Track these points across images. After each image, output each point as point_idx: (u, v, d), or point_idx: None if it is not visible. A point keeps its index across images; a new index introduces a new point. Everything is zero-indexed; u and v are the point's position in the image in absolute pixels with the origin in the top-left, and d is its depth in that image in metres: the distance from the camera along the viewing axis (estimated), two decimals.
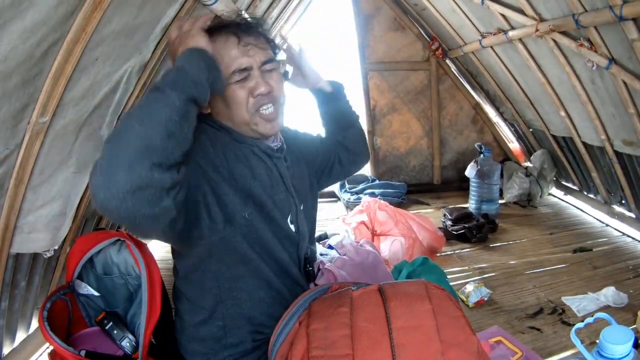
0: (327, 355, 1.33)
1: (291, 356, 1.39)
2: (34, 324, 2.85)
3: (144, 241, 2.12)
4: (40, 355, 2.86)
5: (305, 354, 1.36)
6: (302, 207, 2.26)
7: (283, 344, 1.52)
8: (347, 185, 6.48)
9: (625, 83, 3.63)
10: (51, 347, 1.91)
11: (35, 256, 2.58)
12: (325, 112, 2.63)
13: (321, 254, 2.65)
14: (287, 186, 2.20)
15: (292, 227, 2.21)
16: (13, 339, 2.71)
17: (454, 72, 6.78)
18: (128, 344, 1.96)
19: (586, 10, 3.42)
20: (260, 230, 2.02)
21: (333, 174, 2.63)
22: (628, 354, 1.33)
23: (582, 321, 1.70)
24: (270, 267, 2.03)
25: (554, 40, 4.07)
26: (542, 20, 4.02)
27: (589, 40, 3.68)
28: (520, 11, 4.19)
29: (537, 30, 4.05)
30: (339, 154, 2.61)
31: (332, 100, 2.58)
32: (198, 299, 2.03)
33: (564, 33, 3.91)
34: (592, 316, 1.70)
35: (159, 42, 2.62)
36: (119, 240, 2.08)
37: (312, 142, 2.56)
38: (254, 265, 1.97)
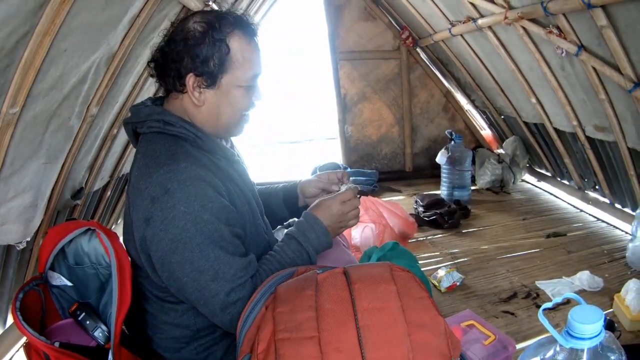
0: (293, 337, 1.33)
1: (258, 340, 1.39)
2: (10, 319, 2.83)
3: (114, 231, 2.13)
4: (17, 351, 2.84)
5: (271, 337, 1.36)
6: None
7: (250, 328, 1.52)
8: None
9: (595, 69, 3.66)
10: (26, 341, 1.90)
11: (8, 249, 2.58)
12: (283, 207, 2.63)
13: None
14: (252, 191, 2.26)
15: (264, 227, 2.27)
16: None
17: (425, 60, 6.79)
18: (101, 335, 1.95)
19: None
20: (249, 238, 2.08)
21: None
22: (598, 334, 1.32)
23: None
24: None
25: (523, 28, 4.10)
26: (510, 7, 4.04)
27: (558, 28, 3.71)
28: None
29: (505, 17, 4.07)
30: None
31: (291, 210, 2.65)
32: (172, 300, 2.06)
33: (533, 20, 3.93)
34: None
35: (126, 33, 2.63)
36: (89, 229, 2.07)
37: None
38: None
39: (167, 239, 1.79)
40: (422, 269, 3.56)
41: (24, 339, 2.65)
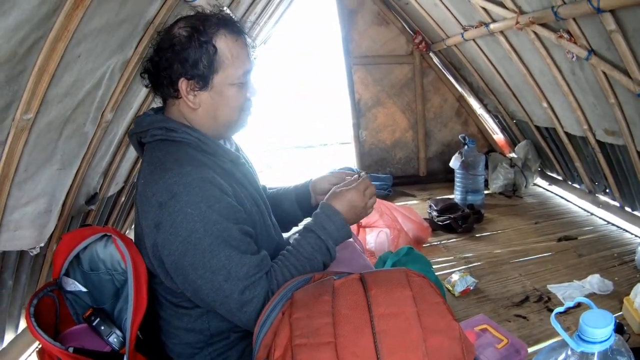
0: (310, 343, 1.34)
1: (275, 345, 1.40)
2: (22, 324, 2.84)
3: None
4: (29, 355, 2.85)
5: (288, 343, 1.37)
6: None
7: (267, 334, 1.52)
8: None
9: (605, 73, 3.67)
10: (39, 346, 1.90)
11: (21, 254, 2.58)
12: (296, 208, 2.61)
13: None
14: (260, 193, 2.24)
15: (273, 230, 2.25)
16: (2, 339, 2.70)
17: (438, 65, 6.79)
18: (115, 340, 1.95)
19: (565, 3, 3.44)
20: (256, 237, 2.06)
21: None
22: (609, 338, 1.33)
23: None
24: None
25: (535, 32, 4.10)
26: (522, 12, 4.04)
27: (568, 32, 3.71)
28: (501, 4, 4.21)
29: (517, 22, 4.07)
30: None
31: (304, 209, 2.62)
32: (185, 305, 2.06)
33: (544, 25, 3.94)
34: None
35: (141, 39, 2.63)
36: (105, 235, 2.06)
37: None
38: None
39: (177, 242, 1.80)
40: (436, 274, 3.56)
41: (36, 344, 2.67)
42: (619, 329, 2.94)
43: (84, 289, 2.08)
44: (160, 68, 1.96)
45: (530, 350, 2.94)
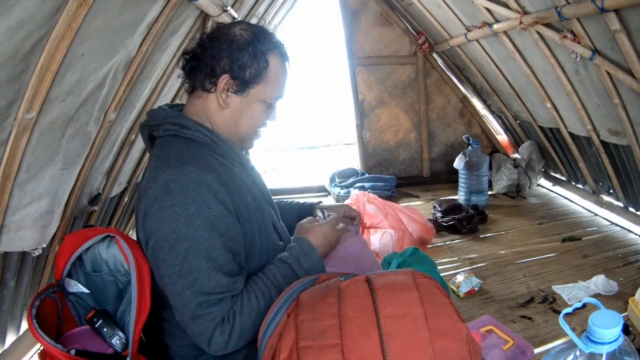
0: (315, 345, 1.33)
1: (280, 348, 1.39)
2: (24, 325, 2.82)
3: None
4: (31, 357, 2.83)
5: (294, 345, 1.36)
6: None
7: (272, 335, 1.52)
8: (336, 179, 6.50)
9: (609, 73, 3.66)
10: (41, 348, 1.89)
11: (23, 255, 2.56)
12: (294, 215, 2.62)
13: None
14: (267, 197, 2.25)
15: (276, 236, 2.23)
16: (3, 341, 2.69)
17: (441, 65, 6.81)
18: (118, 342, 1.93)
19: (568, 3, 3.44)
20: (257, 245, 2.06)
21: None
22: (617, 339, 1.32)
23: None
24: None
25: (538, 33, 4.10)
26: (525, 12, 4.05)
27: (572, 32, 3.71)
28: (504, 4, 4.21)
29: (521, 22, 4.07)
30: None
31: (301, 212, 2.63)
32: None
33: (548, 25, 3.94)
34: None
35: (144, 39, 2.62)
36: (108, 236, 2.05)
37: None
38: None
39: (157, 236, 1.81)
40: (441, 275, 3.55)
41: (38, 346, 2.65)
42: (625, 329, 2.93)
43: (86, 291, 2.07)
44: (207, 55, 1.98)
45: (536, 351, 2.93)
